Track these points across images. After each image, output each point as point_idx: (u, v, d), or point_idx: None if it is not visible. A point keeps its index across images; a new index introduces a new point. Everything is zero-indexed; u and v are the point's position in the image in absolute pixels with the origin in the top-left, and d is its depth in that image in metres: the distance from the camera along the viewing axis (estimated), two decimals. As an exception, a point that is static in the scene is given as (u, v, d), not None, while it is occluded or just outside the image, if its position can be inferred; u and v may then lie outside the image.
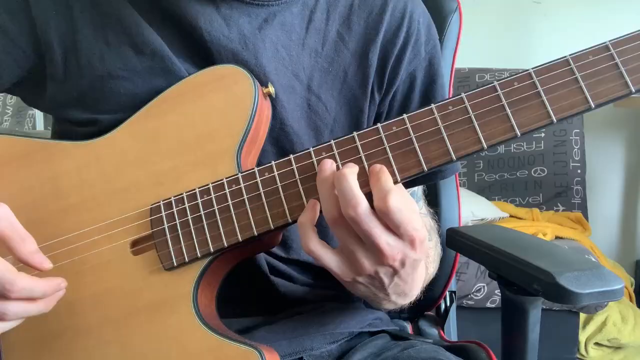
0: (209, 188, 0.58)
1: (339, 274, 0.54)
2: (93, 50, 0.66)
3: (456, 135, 0.53)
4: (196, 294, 0.58)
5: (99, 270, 0.60)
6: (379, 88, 0.72)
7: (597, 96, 0.51)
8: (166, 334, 0.58)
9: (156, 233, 0.59)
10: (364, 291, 0.57)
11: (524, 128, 0.52)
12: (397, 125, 0.54)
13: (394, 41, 0.71)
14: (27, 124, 2.53)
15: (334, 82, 0.70)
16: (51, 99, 0.68)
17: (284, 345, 0.65)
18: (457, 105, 0.53)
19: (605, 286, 0.59)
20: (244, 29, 0.66)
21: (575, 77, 0.52)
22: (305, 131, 0.70)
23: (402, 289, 0.57)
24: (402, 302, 0.61)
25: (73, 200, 0.62)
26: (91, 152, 0.63)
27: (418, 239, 0.51)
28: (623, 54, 0.52)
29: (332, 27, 0.71)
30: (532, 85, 0.52)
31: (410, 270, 0.54)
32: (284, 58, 0.68)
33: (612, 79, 0.51)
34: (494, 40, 2.32)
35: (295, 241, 0.72)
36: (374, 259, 0.52)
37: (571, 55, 0.53)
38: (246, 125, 0.60)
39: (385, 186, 0.50)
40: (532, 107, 0.52)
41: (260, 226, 0.56)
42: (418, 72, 0.74)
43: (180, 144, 0.61)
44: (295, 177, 0.56)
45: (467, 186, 2.26)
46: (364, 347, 0.69)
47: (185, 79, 0.64)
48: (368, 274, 0.53)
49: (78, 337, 0.60)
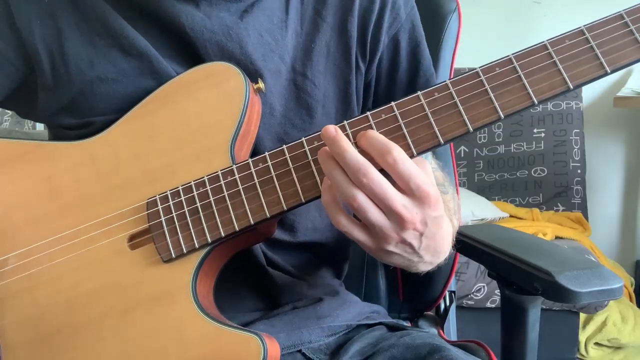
0: (204, 180, 0.59)
1: (370, 246, 0.55)
2: (81, 55, 0.66)
3: (442, 119, 0.55)
4: (195, 283, 0.59)
5: (97, 266, 0.61)
6: (362, 57, 0.73)
7: (574, 77, 0.54)
8: (166, 325, 0.58)
9: (153, 226, 0.59)
10: (398, 259, 0.57)
11: (506, 110, 0.55)
12: (386, 112, 0.56)
13: (370, 7, 0.72)
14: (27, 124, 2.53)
15: (318, 58, 0.71)
16: (43, 108, 0.69)
17: (282, 338, 0.66)
18: (443, 92, 0.56)
19: (604, 285, 0.60)
20: (225, 20, 0.67)
21: (553, 60, 0.55)
22: (296, 112, 0.71)
23: (434, 247, 0.57)
24: (438, 260, 0.60)
25: (68, 199, 0.63)
26: (85, 151, 0.64)
27: (433, 196, 0.52)
28: (598, 37, 0.55)
29: (308, 4, 0.72)
30: (512, 70, 0.55)
31: (435, 228, 0.54)
32: (270, 43, 0.69)
33: (588, 61, 0.54)
34: (493, 40, 2.32)
35: (301, 223, 0.73)
36: (396, 226, 0.52)
37: (548, 40, 0.56)
38: (238, 120, 0.61)
39: (385, 141, 0.52)
40: (513, 90, 0.55)
41: (256, 214, 0.57)
42: (401, 35, 0.74)
43: (174, 140, 0.62)
44: (289, 166, 0.57)
45: (467, 186, 2.26)
46: (361, 339, 0.69)
47: (176, 78, 0.64)
48: (395, 241, 0.54)
49: (77, 334, 0.60)
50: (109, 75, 0.66)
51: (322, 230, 0.75)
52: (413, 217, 0.52)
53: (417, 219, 0.52)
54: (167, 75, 0.65)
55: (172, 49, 0.67)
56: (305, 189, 0.57)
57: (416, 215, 0.52)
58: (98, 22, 0.66)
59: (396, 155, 0.51)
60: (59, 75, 0.66)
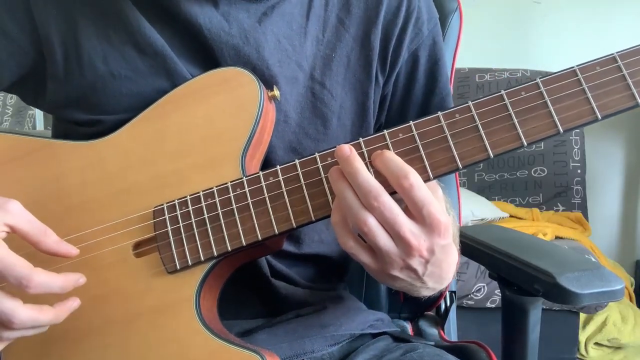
0: (213, 191, 0.58)
1: (374, 269, 0.54)
2: (95, 49, 0.65)
3: (462, 143, 0.53)
4: (199, 297, 0.58)
5: (101, 273, 0.60)
6: (382, 70, 0.72)
7: (603, 107, 0.52)
8: (168, 337, 0.58)
9: (159, 236, 0.58)
10: (401, 283, 0.56)
11: (530, 137, 0.52)
12: (404, 132, 0.54)
13: (394, 21, 0.71)
14: (27, 124, 2.53)
15: (338, 68, 0.70)
16: (51, 99, 0.68)
17: (284, 348, 0.65)
18: (464, 114, 0.53)
19: (605, 286, 0.59)
20: (244, 24, 0.66)
21: (582, 87, 0.52)
22: (311, 121, 0.69)
23: (439, 274, 0.56)
24: (440, 286, 0.59)
25: (75, 201, 0.62)
26: (94, 152, 0.63)
27: (443, 225, 0.50)
28: (630, 65, 0.52)
29: (332, 12, 0.70)
30: (539, 95, 0.52)
31: (443, 256, 0.53)
32: (287, 49, 0.67)
33: (619, 91, 0.52)
34: (494, 40, 2.32)
35: (308, 235, 0.72)
36: (402, 252, 0.51)
37: (578, 66, 0.53)
38: (251, 129, 0.60)
39: (402, 165, 0.51)
40: (538, 117, 0.52)
41: (264, 230, 0.56)
42: (421, 51, 0.73)
43: (184, 146, 0.61)
44: (300, 182, 0.56)
45: (467, 186, 2.26)
46: (366, 350, 0.68)
47: (190, 81, 0.63)
48: (400, 267, 0.53)
49: (78, 340, 0.59)
50: (122, 72, 0.65)
51: (329, 243, 0.74)
52: (420, 244, 0.51)
53: (424, 246, 0.51)
54: (181, 76, 0.64)
55: (188, 50, 0.66)
56: (316, 207, 0.55)
57: (424, 242, 0.51)
58: (115, 17, 0.65)
59: (413, 180, 0.50)
60: (71, 67, 0.66)
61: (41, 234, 0.53)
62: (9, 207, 0.52)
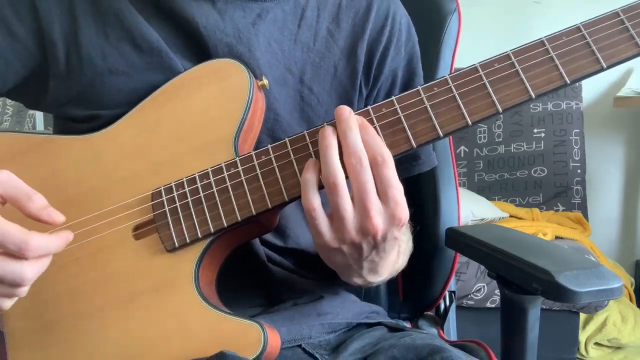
0: (208, 172, 0.60)
1: (326, 239, 0.56)
2: (94, 46, 0.67)
3: (442, 113, 0.57)
4: (197, 273, 0.60)
5: (101, 255, 0.61)
6: (365, 83, 0.76)
7: (571, 72, 0.56)
8: (168, 313, 0.59)
9: (157, 216, 0.61)
10: (339, 261, 0.59)
11: (504, 104, 0.56)
12: (387, 106, 0.58)
13: (379, 39, 0.75)
14: (27, 124, 2.53)
15: (325, 76, 0.74)
16: (52, 98, 0.69)
17: (282, 332, 0.66)
18: (442, 86, 0.57)
19: (603, 284, 0.60)
20: (238, 24, 0.69)
21: (550, 55, 0.56)
22: (298, 122, 0.72)
23: (376, 265, 0.59)
24: (371, 279, 0.63)
25: (73, 192, 0.63)
26: (91, 145, 0.65)
27: (404, 214, 0.53)
28: (594, 33, 0.56)
29: (323, 24, 0.74)
30: (511, 65, 0.57)
31: (389, 247, 0.57)
32: (277, 52, 0.71)
33: (585, 56, 0.56)
34: (493, 40, 2.32)
35: (292, 230, 0.74)
36: (361, 227, 0.53)
37: (546, 37, 0.57)
38: (242, 115, 0.63)
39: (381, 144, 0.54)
40: (511, 85, 0.56)
41: (258, 205, 0.59)
42: (399, 70, 0.78)
43: (179, 133, 0.63)
44: (290, 157, 0.59)
45: (467, 186, 2.26)
46: (362, 337, 0.70)
47: (183, 74, 0.66)
48: (352, 241, 0.55)
49: (80, 322, 0.61)
50: (119, 68, 0.67)
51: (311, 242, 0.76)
52: (378, 225, 0.53)
53: (381, 228, 0.53)
54: (176, 71, 0.67)
55: (183, 46, 0.69)
56: None
57: (382, 224, 0.53)
58: (113, 14, 0.67)
59: (387, 158, 0.53)
60: (72, 65, 0.67)
61: (25, 199, 0.52)
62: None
